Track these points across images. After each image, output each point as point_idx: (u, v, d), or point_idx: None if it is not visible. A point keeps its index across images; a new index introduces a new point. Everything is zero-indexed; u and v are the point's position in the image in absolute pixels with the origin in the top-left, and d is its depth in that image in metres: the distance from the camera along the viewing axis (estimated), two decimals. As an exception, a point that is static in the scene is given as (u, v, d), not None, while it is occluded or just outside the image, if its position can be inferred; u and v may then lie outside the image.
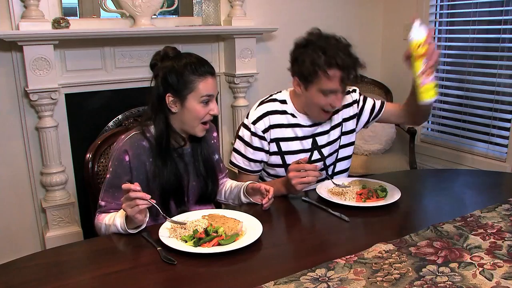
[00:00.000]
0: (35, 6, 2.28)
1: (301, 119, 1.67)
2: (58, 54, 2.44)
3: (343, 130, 1.75)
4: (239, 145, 1.69)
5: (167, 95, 1.39)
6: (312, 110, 1.62)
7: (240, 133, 1.70)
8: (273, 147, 1.67)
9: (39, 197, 2.56)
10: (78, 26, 2.46)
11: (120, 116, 2.63)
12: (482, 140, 2.93)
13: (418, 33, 1.35)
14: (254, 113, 1.67)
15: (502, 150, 2.80)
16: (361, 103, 1.78)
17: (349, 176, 1.83)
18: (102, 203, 1.40)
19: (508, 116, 2.75)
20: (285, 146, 1.67)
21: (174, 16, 2.86)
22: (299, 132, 1.68)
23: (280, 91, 1.73)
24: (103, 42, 2.55)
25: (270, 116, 1.65)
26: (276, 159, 1.69)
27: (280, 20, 3.05)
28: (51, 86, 2.34)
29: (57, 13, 2.43)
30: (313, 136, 1.69)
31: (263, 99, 1.73)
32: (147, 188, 1.38)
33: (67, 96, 2.52)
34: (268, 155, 1.68)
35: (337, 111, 1.71)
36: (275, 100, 1.69)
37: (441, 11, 3.15)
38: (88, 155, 1.63)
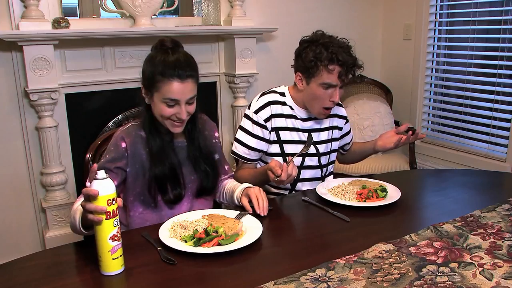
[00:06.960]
0: (35, 6, 2.28)
1: (298, 112, 1.74)
2: (58, 54, 2.44)
3: (332, 136, 1.83)
4: (240, 134, 1.75)
5: (142, 86, 1.45)
6: (313, 106, 1.69)
7: (241, 124, 1.77)
8: (273, 136, 1.73)
9: (39, 197, 2.56)
10: (78, 26, 2.46)
11: (120, 116, 2.63)
12: (482, 140, 2.93)
13: (103, 186, 1.03)
14: (256, 104, 1.74)
15: (502, 150, 2.80)
16: (348, 128, 1.92)
17: (349, 176, 1.83)
18: (88, 184, 1.39)
19: (508, 116, 2.75)
20: (284, 135, 1.73)
21: (174, 16, 2.86)
22: (297, 123, 1.74)
23: (279, 86, 1.81)
24: (103, 42, 2.55)
25: (272, 105, 1.72)
26: (275, 148, 1.73)
27: (280, 20, 3.05)
28: (51, 86, 2.34)
29: (57, 13, 2.43)
30: (309, 130, 1.76)
31: (264, 91, 1.80)
32: (142, 177, 1.42)
33: (67, 96, 2.52)
34: (268, 144, 1.73)
35: (331, 116, 1.79)
36: (275, 92, 1.77)
37: (441, 11, 3.15)
38: (88, 155, 1.64)
